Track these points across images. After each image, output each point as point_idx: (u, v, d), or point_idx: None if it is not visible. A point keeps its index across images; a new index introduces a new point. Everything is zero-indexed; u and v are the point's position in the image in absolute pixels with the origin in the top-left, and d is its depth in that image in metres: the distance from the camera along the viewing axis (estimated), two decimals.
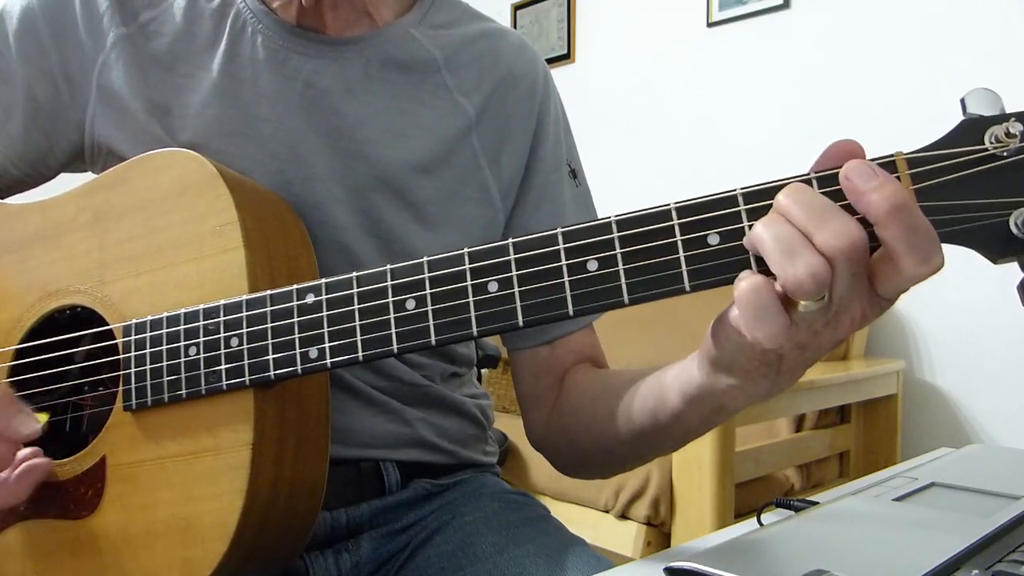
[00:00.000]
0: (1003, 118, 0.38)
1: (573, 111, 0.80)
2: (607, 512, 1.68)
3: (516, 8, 3.20)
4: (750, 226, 0.40)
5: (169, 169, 0.59)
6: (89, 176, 0.67)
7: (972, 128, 0.39)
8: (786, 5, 2.40)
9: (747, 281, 0.39)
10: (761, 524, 0.55)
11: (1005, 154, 0.38)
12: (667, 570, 0.42)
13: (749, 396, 0.48)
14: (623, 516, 1.64)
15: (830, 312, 0.39)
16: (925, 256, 0.37)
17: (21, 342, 0.62)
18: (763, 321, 0.39)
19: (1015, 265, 0.39)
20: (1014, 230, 0.38)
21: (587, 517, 1.70)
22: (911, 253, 0.37)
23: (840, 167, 0.40)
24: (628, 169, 2.75)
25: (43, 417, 0.56)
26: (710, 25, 2.58)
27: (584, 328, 0.73)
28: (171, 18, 0.68)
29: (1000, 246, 0.38)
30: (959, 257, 0.41)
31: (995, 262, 0.39)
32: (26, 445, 0.56)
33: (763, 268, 0.40)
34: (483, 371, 2.06)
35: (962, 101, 0.39)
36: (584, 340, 0.73)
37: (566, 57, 3.00)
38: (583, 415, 0.66)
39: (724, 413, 0.52)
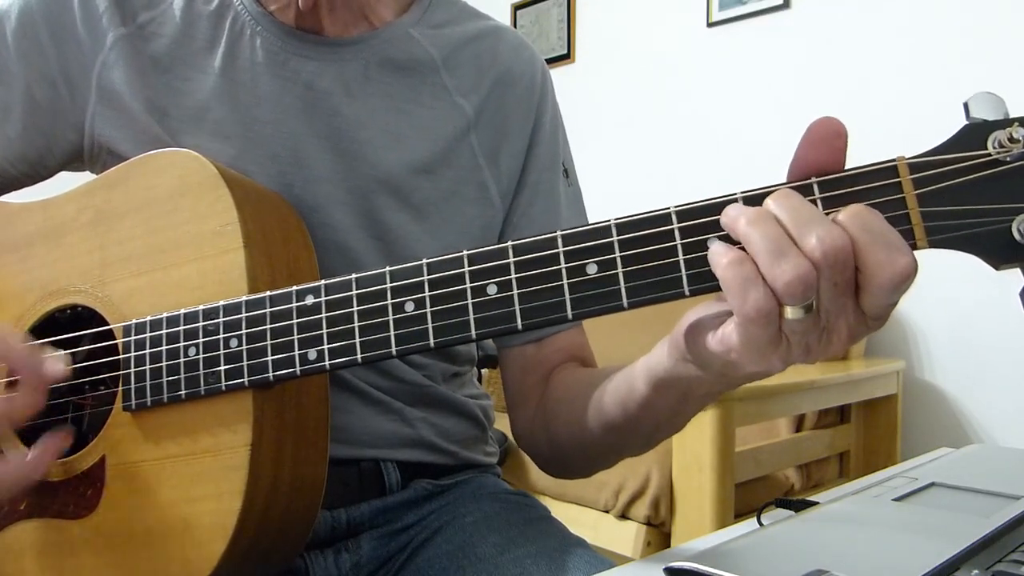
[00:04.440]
0: (1006, 123, 0.38)
1: (573, 111, 0.81)
2: (607, 512, 1.68)
3: (516, 8, 3.20)
4: None
5: (170, 169, 0.59)
6: (89, 176, 0.67)
7: (975, 133, 0.38)
8: (786, 5, 2.40)
9: (726, 257, 0.39)
10: (761, 524, 0.55)
11: (1008, 159, 0.38)
12: (667, 570, 0.42)
13: (720, 387, 0.48)
14: (623, 516, 1.64)
15: (819, 325, 0.39)
16: (890, 258, 0.37)
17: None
18: (750, 291, 0.38)
19: (1017, 270, 0.39)
20: (1016, 236, 0.37)
21: (587, 517, 1.71)
22: (874, 252, 0.37)
23: (835, 162, 0.40)
24: (628, 169, 2.76)
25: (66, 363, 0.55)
26: (710, 25, 2.58)
27: (573, 327, 0.73)
28: (169, 19, 0.68)
29: (1002, 252, 0.38)
30: (959, 257, 0.41)
31: (997, 268, 0.38)
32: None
33: None
34: (483, 371, 2.06)
35: (965, 105, 0.39)
36: (572, 339, 0.72)
37: (566, 57, 3.00)
38: (562, 412, 0.66)
39: (690, 401, 0.52)
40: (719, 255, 0.39)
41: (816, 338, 0.40)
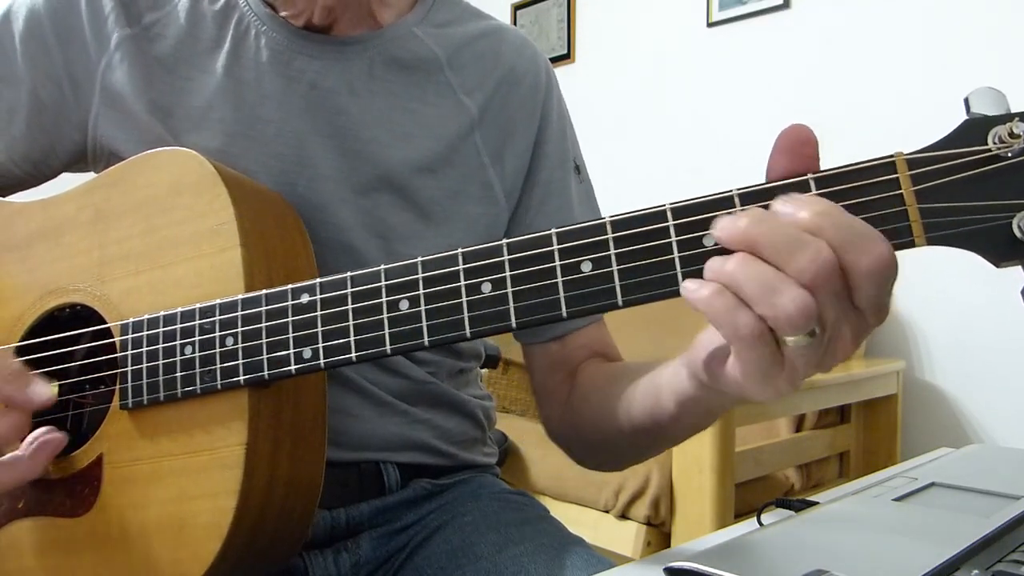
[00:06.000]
0: (1007, 118, 0.37)
1: (573, 111, 0.80)
2: (607, 512, 1.68)
3: (516, 8, 3.20)
4: None
5: (168, 168, 0.59)
6: (91, 176, 0.67)
7: (975, 128, 0.38)
8: (786, 5, 2.40)
9: (705, 289, 0.38)
10: (761, 524, 0.55)
11: (1009, 155, 0.37)
12: (667, 570, 0.42)
13: (741, 403, 0.48)
14: (623, 516, 1.64)
15: (823, 342, 0.38)
16: (864, 249, 0.36)
17: (21, 340, 0.62)
18: (738, 316, 0.37)
19: (1018, 268, 0.39)
20: (1017, 233, 0.37)
21: (587, 517, 1.70)
22: (846, 250, 0.36)
23: (807, 169, 0.39)
24: (628, 169, 2.75)
25: (54, 388, 0.55)
26: (710, 25, 2.58)
27: (594, 323, 0.73)
28: (175, 20, 0.68)
29: (1003, 249, 0.37)
30: (959, 257, 0.40)
31: (997, 265, 0.38)
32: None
33: None
34: (483, 371, 2.06)
35: (966, 100, 0.38)
36: (594, 334, 0.72)
37: (566, 57, 3.00)
38: (588, 413, 0.66)
39: (717, 415, 0.53)
40: (694, 292, 0.39)
41: (823, 352, 0.39)
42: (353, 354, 0.48)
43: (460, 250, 0.46)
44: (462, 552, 0.64)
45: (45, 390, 0.54)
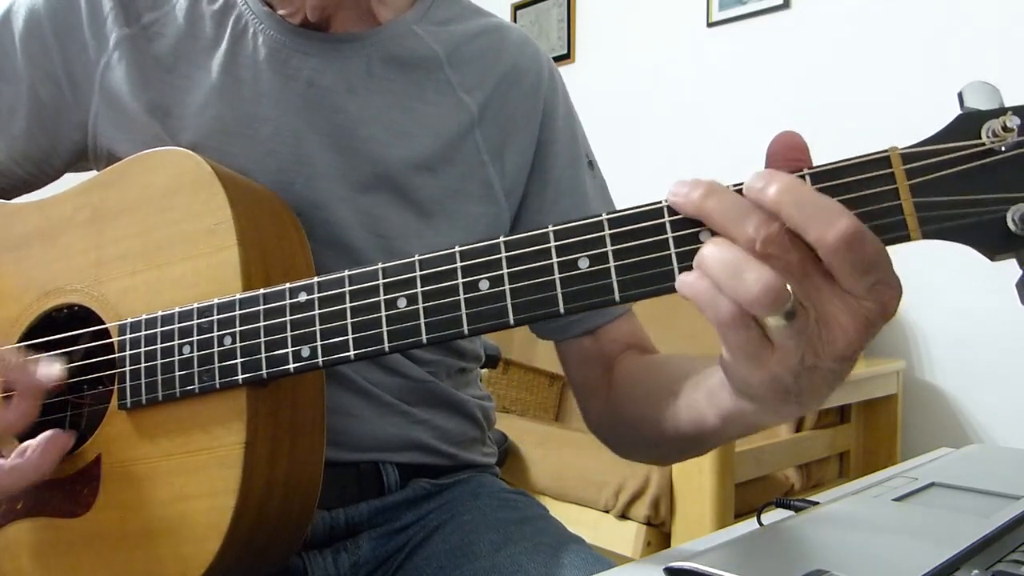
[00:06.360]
0: (1000, 112, 0.37)
1: None
2: (607, 512, 1.67)
3: (516, 8, 3.20)
4: None
5: (165, 168, 0.59)
6: (90, 175, 0.67)
7: (969, 122, 0.38)
8: (786, 5, 2.40)
9: (689, 277, 0.39)
10: (761, 524, 0.55)
11: (1003, 148, 0.37)
12: (667, 570, 0.42)
13: (780, 417, 0.47)
14: (623, 516, 1.64)
15: (810, 321, 0.38)
16: (827, 223, 0.36)
17: (19, 341, 0.62)
18: (718, 300, 0.38)
19: (1014, 262, 0.39)
20: (1011, 226, 0.37)
21: (587, 517, 1.70)
22: (809, 225, 0.36)
23: (800, 160, 0.40)
24: (627, 169, 2.75)
25: (58, 365, 0.55)
26: (710, 25, 2.58)
27: (624, 315, 0.72)
28: (173, 20, 0.68)
29: (997, 242, 0.37)
30: (959, 256, 0.40)
31: (992, 259, 0.38)
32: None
33: None
34: (483, 371, 2.06)
35: (960, 95, 0.38)
36: (626, 327, 0.72)
37: (566, 57, 3.01)
38: (626, 408, 0.66)
39: (761, 427, 0.51)
40: (683, 283, 0.40)
41: (818, 337, 0.38)
42: (351, 352, 0.48)
43: (457, 248, 0.46)
44: (461, 551, 0.64)
45: (52, 368, 0.54)
